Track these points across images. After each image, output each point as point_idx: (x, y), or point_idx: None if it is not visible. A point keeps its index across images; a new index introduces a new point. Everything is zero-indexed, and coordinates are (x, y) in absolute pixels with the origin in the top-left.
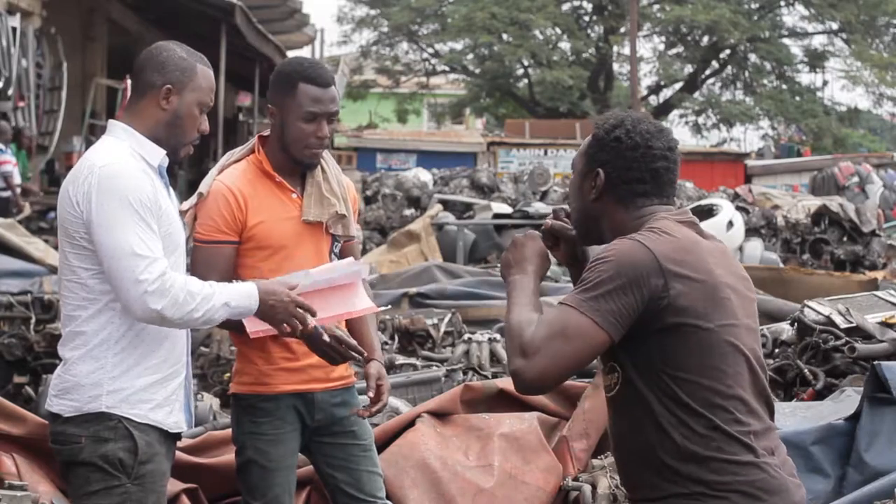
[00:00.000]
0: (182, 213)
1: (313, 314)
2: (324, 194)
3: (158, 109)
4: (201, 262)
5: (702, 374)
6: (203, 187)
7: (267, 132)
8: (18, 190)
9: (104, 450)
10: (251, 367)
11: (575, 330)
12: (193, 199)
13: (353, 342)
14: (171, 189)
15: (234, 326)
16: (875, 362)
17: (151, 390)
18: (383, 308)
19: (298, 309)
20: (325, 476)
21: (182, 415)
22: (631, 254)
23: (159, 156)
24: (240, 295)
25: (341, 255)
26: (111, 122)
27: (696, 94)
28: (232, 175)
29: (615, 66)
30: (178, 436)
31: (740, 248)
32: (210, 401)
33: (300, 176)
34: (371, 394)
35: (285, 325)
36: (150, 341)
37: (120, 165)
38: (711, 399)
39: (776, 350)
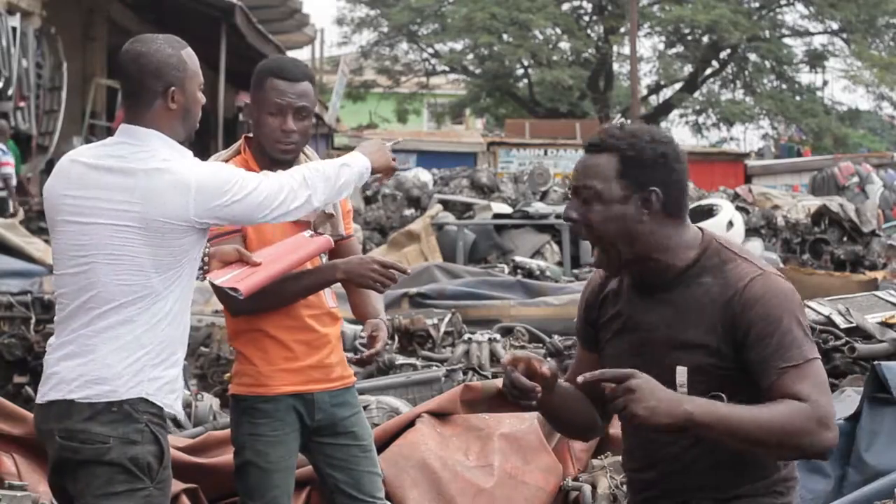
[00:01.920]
0: None
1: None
2: None
3: (168, 111)
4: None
5: None
6: None
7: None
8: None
9: (134, 452)
10: (250, 368)
11: (824, 377)
12: None
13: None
14: None
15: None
16: (875, 362)
17: (178, 381)
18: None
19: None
20: (324, 476)
21: (179, 403)
22: (791, 288)
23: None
24: (348, 160)
25: (339, 255)
26: (139, 129)
27: (696, 94)
28: None
29: (615, 66)
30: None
31: None
32: (210, 401)
33: (282, 163)
34: (365, 339)
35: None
36: (179, 335)
37: (198, 165)
38: None
39: None
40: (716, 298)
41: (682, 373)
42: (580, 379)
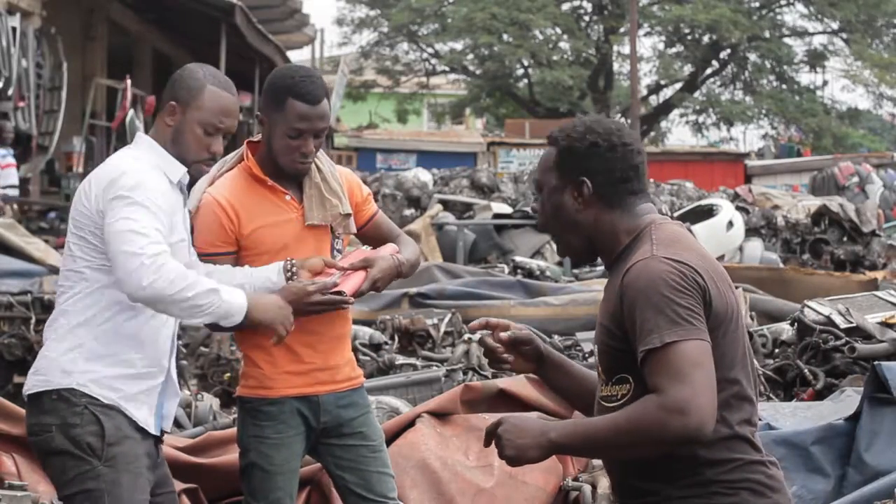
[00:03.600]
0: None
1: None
2: (325, 196)
3: (165, 125)
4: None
5: (722, 378)
6: (191, 202)
7: (257, 138)
8: (13, 192)
9: (73, 434)
10: (256, 371)
11: (686, 359)
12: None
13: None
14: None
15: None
16: (875, 362)
17: (121, 381)
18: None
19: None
20: (334, 478)
21: (151, 417)
22: (664, 271)
23: (180, 172)
24: (230, 291)
25: (374, 236)
26: (139, 135)
27: (697, 94)
28: (222, 186)
29: (615, 66)
30: (155, 436)
31: (740, 249)
32: (210, 401)
33: (294, 178)
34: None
35: (278, 325)
36: (129, 337)
37: (141, 175)
38: (730, 402)
39: (776, 350)
40: (617, 281)
41: (596, 352)
42: None
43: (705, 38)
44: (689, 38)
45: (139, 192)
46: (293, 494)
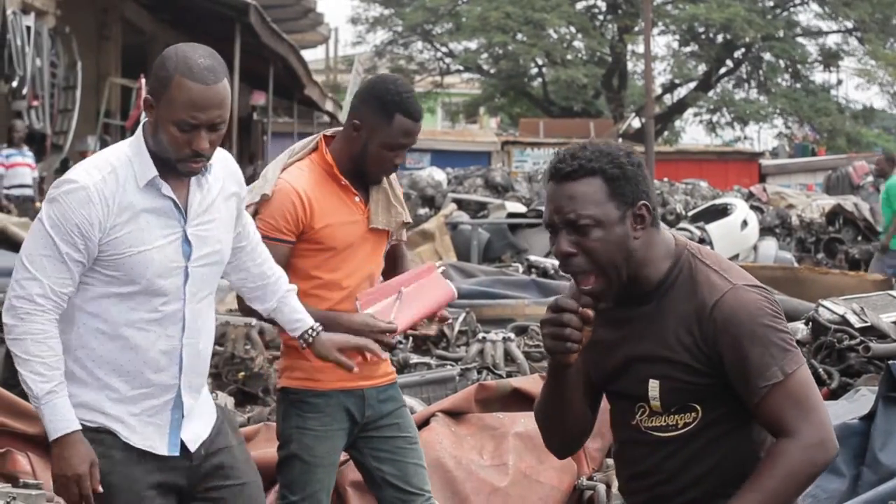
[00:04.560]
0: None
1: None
2: (391, 202)
3: (148, 121)
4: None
5: None
6: (267, 187)
7: (331, 131)
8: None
9: None
10: (303, 363)
11: (806, 385)
12: (255, 198)
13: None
14: (181, 211)
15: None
16: (890, 362)
17: (109, 405)
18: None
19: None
20: (371, 470)
21: (157, 437)
22: (762, 300)
23: (148, 175)
24: (58, 406)
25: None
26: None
27: (711, 93)
28: (297, 175)
29: (629, 65)
30: (175, 456)
31: (755, 248)
32: (225, 399)
33: (372, 183)
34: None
35: (56, 482)
36: (107, 362)
37: (71, 185)
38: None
39: None
40: (688, 313)
41: (654, 386)
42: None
43: (719, 38)
44: (704, 37)
45: (60, 199)
46: (330, 490)
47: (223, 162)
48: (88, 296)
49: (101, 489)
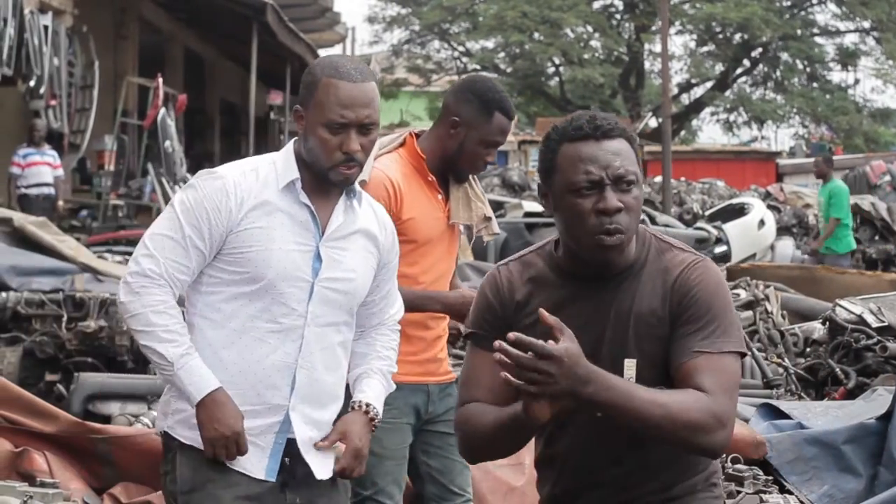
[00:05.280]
0: None
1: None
2: (470, 199)
3: (299, 134)
4: None
5: None
6: (364, 173)
7: (419, 129)
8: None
9: (165, 482)
10: None
11: (736, 375)
12: None
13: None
14: (316, 220)
15: None
16: None
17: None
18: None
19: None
20: (418, 464)
21: (255, 460)
22: (724, 278)
23: (288, 177)
24: (195, 368)
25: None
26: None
27: (728, 93)
28: (390, 166)
29: (646, 64)
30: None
31: (772, 247)
32: None
33: (457, 180)
34: None
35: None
36: (224, 371)
37: (211, 174)
38: None
39: (808, 349)
40: (657, 283)
41: (630, 366)
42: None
43: (737, 37)
44: (721, 36)
45: (181, 194)
46: (401, 485)
47: (381, 214)
48: (212, 299)
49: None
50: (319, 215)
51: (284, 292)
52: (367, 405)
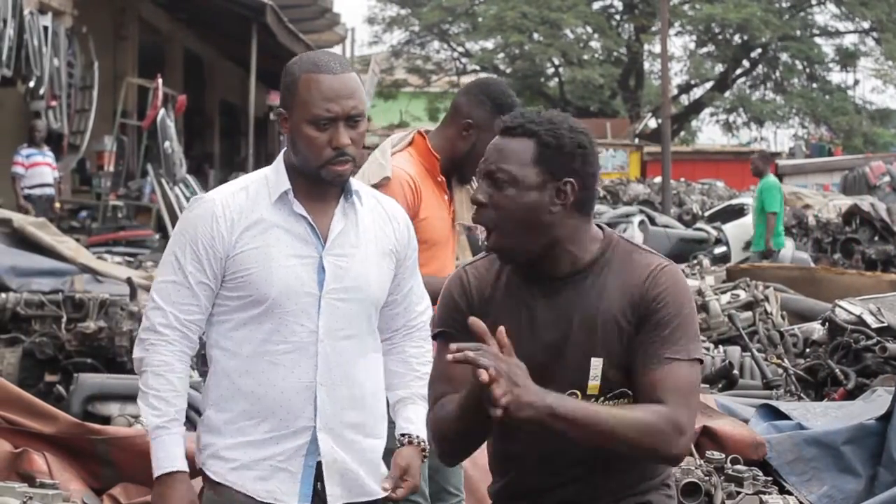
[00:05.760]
0: None
1: None
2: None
3: (286, 138)
4: None
5: None
6: (387, 170)
7: (426, 128)
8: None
9: None
10: None
11: (697, 382)
12: (375, 179)
13: None
14: (315, 230)
15: None
16: None
17: (237, 449)
18: None
19: None
20: None
21: (284, 485)
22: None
23: (280, 189)
24: (165, 443)
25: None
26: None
27: (727, 93)
28: (409, 165)
29: (646, 65)
30: None
31: None
32: None
33: (460, 181)
34: None
35: None
36: (244, 399)
37: (198, 201)
38: None
39: (807, 350)
40: (626, 282)
41: (596, 365)
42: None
43: (736, 38)
44: (720, 37)
45: (176, 227)
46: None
47: (390, 207)
48: (223, 329)
49: None
50: (318, 224)
51: (291, 310)
52: (419, 439)
